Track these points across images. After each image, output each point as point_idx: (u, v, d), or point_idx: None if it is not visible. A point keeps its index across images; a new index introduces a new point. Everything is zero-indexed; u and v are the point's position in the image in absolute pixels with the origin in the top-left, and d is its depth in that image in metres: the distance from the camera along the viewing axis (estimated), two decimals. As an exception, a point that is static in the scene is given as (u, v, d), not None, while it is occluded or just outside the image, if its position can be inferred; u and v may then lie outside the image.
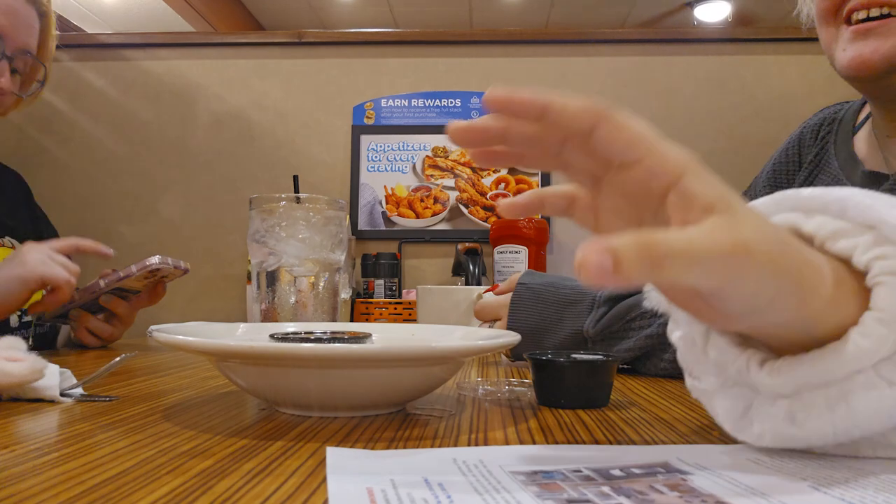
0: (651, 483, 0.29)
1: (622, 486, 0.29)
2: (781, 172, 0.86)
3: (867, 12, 0.67)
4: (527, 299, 0.72)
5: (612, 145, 0.32)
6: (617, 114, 0.32)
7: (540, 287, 0.73)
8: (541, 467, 0.31)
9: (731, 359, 0.34)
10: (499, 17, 5.31)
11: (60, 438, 0.38)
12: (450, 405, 0.50)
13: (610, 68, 1.63)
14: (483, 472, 0.31)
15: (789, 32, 1.58)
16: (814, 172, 0.82)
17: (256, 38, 1.78)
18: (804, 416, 0.32)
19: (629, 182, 0.33)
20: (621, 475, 0.30)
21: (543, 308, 0.71)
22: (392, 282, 1.55)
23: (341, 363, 0.41)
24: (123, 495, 0.27)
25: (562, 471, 0.31)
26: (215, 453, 0.34)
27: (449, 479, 0.29)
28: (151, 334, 0.45)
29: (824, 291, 0.30)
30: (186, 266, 0.97)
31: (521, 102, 0.32)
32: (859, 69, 0.68)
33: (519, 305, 0.72)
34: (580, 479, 0.30)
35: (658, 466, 0.32)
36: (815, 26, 0.75)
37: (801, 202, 0.34)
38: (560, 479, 0.29)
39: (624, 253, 0.25)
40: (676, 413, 0.47)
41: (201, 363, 0.74)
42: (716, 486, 0.29)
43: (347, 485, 0.28)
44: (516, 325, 0.71)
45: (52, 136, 1.66)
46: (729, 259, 0.27)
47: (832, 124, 0.83)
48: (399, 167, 1.64)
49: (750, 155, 1.57)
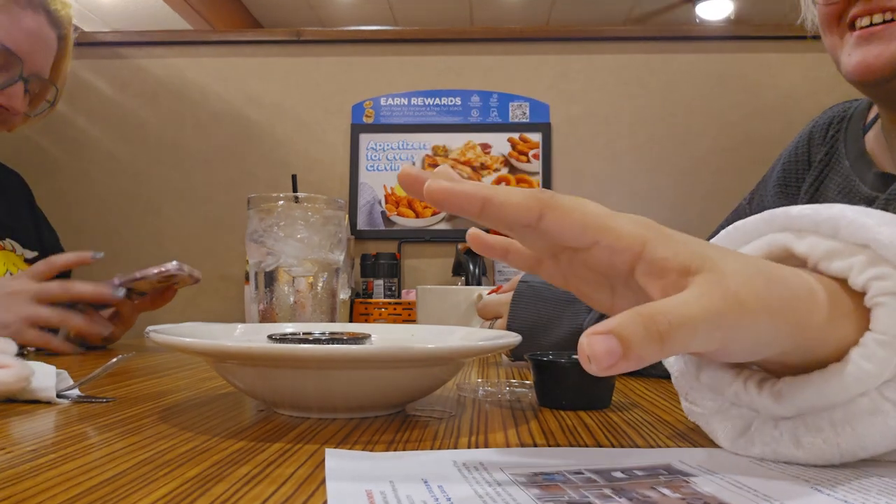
0: (653, 485, 0.29)
1: (624, 487, 0.29)
2: (791, 172, 0.86)
3: (870, 19, 0.68)
4: (527, 297, 0.73)
5: (562, 234, 0.31)
6: (561, 200, 0.31)
7: (540, 285, 0.74)
8: (542, 469, 0.31)
9: (726, 383, 0.34)
10: (499, 15, 5.31)
11: (57, 440, 0.38)
12: (450, 406, 0.49)
13: (611, 66, 1.62)
14: (484, 474, 0.30)
15: (792, 30, 1.58)
16: (824, 172, 0.81)
17: (255, 36, 1.77)
18: (809, 440, 0.31)
19: (591, 260, 0.32)
20: (623, 477, 0.30)
21: (543, 306, 0.72)
22: (391, 282, 1.55)
23: (340, 364, 0.41)
24: (121, 497, 0.27)
25: (563, 472, 0.31)
26: (213, 455, 0.34)
27: (449, 481, 0.29)
28: (149, 335, 0.45)
29: (819, 317, 0.30)
30: (199, 275, 0.97)
31: (459, 198, 0.30)
32: (864, 74, 0.69)
33: (519, 303, 0.73)
34: (581, 481, 0.29)
35: (660, 468, 0.32)
36: (820, 32, 0.75)
37: (792, 221, 0.34)
38: (561, 482, 0.29)
39: (630, 334, 0.25)
40: (678, 414, 0.47)
41: (199, 364, 0.73)
42: (718, 489, 0.28)
43: (346, 487, 0.28)
44: (516, 323, 0.72)
45: (50, 136, 1.65)
46: (725, 318, 0.27)
47: (841, 122, 0.83)
48: (399, 166, 1.64)
49: (752, 153, 1.57)
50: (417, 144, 1.65)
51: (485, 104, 1.65)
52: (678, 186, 1.59)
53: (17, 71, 0.95)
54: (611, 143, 1.61)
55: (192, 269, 0.94)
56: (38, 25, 0.98)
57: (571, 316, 0.70)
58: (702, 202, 1.57)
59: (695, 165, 1.59)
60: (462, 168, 1.63)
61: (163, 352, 0.87)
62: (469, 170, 1.63)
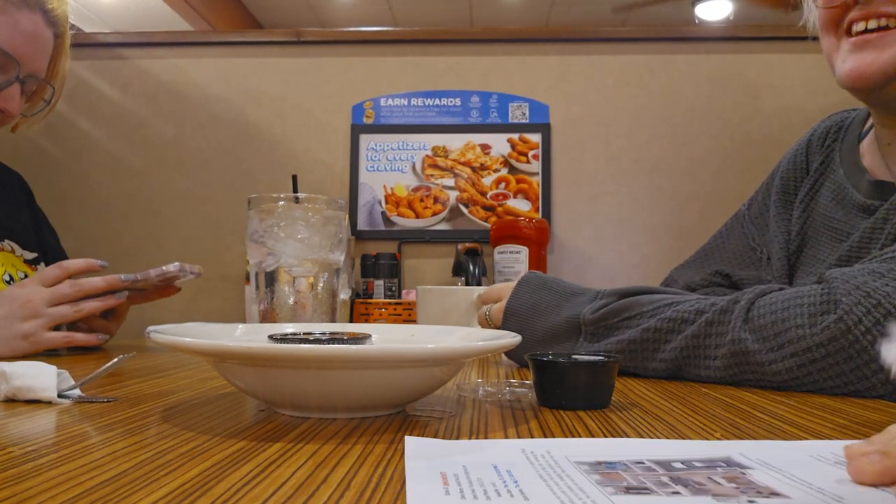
0: (710, 475, 0.30)
1: (681, 476, 0.30)
2: (790, 180, 0.86)
3: (866, 24, 0.68)
4: (532, 283, 0.75)
5: None
6: None
7: (548, 278, 0.75)
8: (605, 458, 0.33)
9: None
10: (499, 15, 5.31)
11: (58, 440, 0.38)
12: (450, 406, 0.49)
13: (611, 67, 1.62)
14: (549, 461, 0.32)
15: (792, 31, 1.58)
16: (819, 181, 0.82)
17: (255, 36, 1.77)
18: None
19: None
20: (682, 467, 0.32)
21: (545, 293, 0.73)
22: (392, 282, 1.55)
23: (340, 364, 0.41)
24: (122, 497, 0.27)
25: (624, 462, 0.32)
26: (214, 455, 0.34)
27: (517, 466, 0.32)
28: (149, 335, 0.45)
29: None
30: (199, 270, 0.97)
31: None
32: (857, 80, 0.70)
33: (523, 287, 0.75)
34: (642, 470, 0.31)
35: (720, 461, 0.33)
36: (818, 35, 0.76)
37: None
38: (622, 470, 0.31)
39: None
40: (678, 414, 0.47)
41: (200, 364, 0.73)
42: (773, 480, 0.30)
43: (423, 470, 0.31)
44: (515, 303, 0.74)
45: (50, 137, 1.65)
46: None
47: (839, 132, 0.83)
48: (399, 167, 1.64)
49: (752, 154, 1.57)
50: (417, 145, 1.65)
51: (484, 105, 1.65)
52: (678, 187, 1.59)
53: (13, 72, 0.95)
54: (610, 144, 1.61)
55: (192, 266, 0.94)
56: (34, 25, 0.98)
57: (571, 306, 0.70)
58: (701, 203, 1.58)
59: (694, 166, 1.59)
60: (462, 168, 1.63)
61: (163, 352, 0.87)
62: (469, 170, 1.63)
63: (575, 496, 0.27)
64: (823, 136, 0.85)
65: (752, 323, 0.59)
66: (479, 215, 1.61)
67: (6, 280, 1.02)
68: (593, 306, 0.68)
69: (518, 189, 1.61)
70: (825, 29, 0.74)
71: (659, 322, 0.64)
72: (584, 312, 0.68)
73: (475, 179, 1.63)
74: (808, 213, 0.82)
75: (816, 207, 0.81)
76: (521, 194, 1.61)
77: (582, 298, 0.70)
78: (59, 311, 0.85)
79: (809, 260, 0.80)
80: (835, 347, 0.54)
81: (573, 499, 0.27)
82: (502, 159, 1.63)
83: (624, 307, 0.67)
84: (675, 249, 1.52)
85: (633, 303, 0.67)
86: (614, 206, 1.60)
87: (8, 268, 1.04)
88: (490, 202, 1.61)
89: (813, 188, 0.82)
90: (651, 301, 0.66)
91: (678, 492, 0.28)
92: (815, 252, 0.79)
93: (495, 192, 1.62)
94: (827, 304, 0.55)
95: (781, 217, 0.85)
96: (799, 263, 0.81)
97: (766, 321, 0.58)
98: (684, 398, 0.54)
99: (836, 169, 0.80)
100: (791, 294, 0.58)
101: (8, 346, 0.82)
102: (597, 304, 0.68)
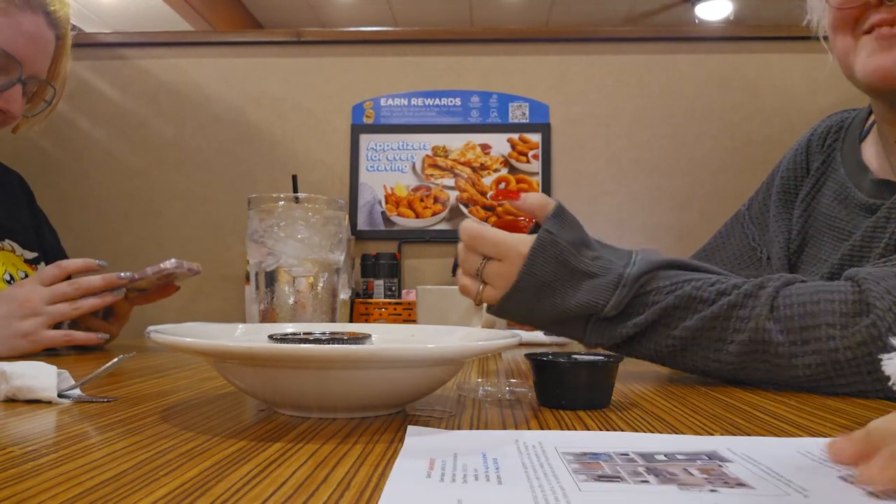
0: (686, 467, 0.31)
1: (658, 467, 0.31)
2: (790, 181, 0.86)
3: (891, 28, 0.67)
4: (548, 254, 0.62)
5: None
6: None
7: (566, 246, 0.63)
8: (591, 450, 0.34)
9: None
10: (499, 15, 5.31)
11: (58, 440, 0.38)
12: (450, 406, 0.49)
13: (611, 67, 1.62)
14: (538, 451, 0.34)
15: (792, 31, 1.58)
16: (820, 180, 0.81)
17: (255, 37, 1.78)
18: None
19: None
20: (664, 459, 0.32)
21: (562, 269, 0.62)
22: (391, 282, 1.55)
23: (340, 364, 0.41)
24: (122, 496, 0.27)
25: (609, 453, 0.33)
26: (214, 455, 0.34)
27: (505, 456, 0.33)
28: (149, 335, 0.45)
29: None
30: (198, 268, 0.97)
31: None
32: (882, 79, 0.68)
33: (538, 256, 0.62)
34: (623, 461, 0.32)
35: (703, 454, 0.33)
36: (828, 34, 0.74)
37: None
38: (604, 460, 0.32)
39: None
40: (678, 414, 0.47)
41: (200, 364, 0.73)
42: (747, 473, 0.30)
43: (413, 454, 0.33)
44: (527, 276, 0.62)
45: (51, 137, 1.65)
46: None
47: (839, 131, 0.83)
48: (399, 167, 1.64)
49: (752, 154, 1.57)
50: (417, 145, 1.65)
51: (485, 105, 1.65)
52: (678, 187, 1.59)
53: (15, 74, 0.95)
54: (611, 144, 1.61)
55: (190, 263, 0.94)
56: (36, 27, 0.98)
57: (588, 290, 0.61)
58: (702, 203, 1.58)
59: (695, 166, 1.59)
60: (462, 168, 1.63)
61: (163, 352, 0.87)
62: (469, 170, 1.63)
63: (546, 482, 0.28)
64: (824, 136, 0.84)
65: (777, 312, 0.56)
66: (479, 215, 1.61)
67: (7, 280, 1.02)
68: (615, 301, 0.61)
69: (518, 189, 1.61)
70: (840, 29, 0.72)
71: (676, 299, 0.60)
72: (609, 307, 0.61)
73: (475, 179, 1.63)
74: (810, 213, 0.82)
75: (818, 207, 0.81)
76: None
77: (602, 281, 0.62)
78: (58, 308, 0.85)
79: (810, 259, 0.79)
80: (862, 352, 0.53)
81: (543, 484, 0.28)
82: (502, 159, 1.63)
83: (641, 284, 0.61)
84: (675, 250, 1.52)
85: (651, 278, 0.61)
86: (614, 207, 1.60)
87: (8, 267, 1.04)
88: (490, 202, 1.61)
89: (814, 188, 0.82)
90: (668, 277, 0.61)
91: (647, 480, 0.29)
92: (817, 251, 0.79)
93: (495, 192, 1.62)
94: (859, 305, 0.54)
95: (782, 217, 0.85)
96: (800, 263, 0.81)
97: (792, 312, 0.56)
98: (685, 398, 0.54)
99: (837, 168, 0.80)
100: (819, 288, 0.56)
101: (7, 345, 0.82)
102: (618, 300, 0.61)
